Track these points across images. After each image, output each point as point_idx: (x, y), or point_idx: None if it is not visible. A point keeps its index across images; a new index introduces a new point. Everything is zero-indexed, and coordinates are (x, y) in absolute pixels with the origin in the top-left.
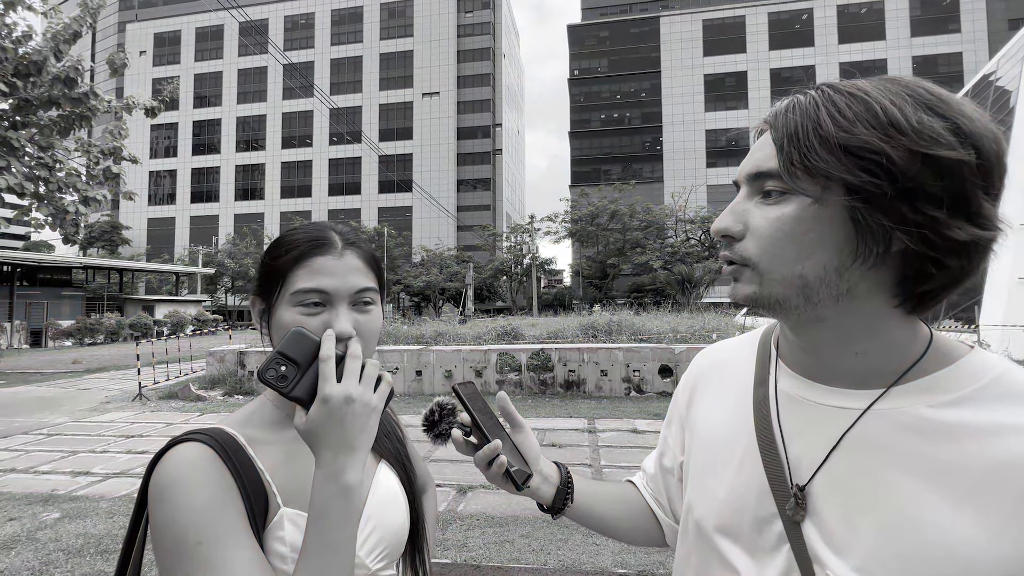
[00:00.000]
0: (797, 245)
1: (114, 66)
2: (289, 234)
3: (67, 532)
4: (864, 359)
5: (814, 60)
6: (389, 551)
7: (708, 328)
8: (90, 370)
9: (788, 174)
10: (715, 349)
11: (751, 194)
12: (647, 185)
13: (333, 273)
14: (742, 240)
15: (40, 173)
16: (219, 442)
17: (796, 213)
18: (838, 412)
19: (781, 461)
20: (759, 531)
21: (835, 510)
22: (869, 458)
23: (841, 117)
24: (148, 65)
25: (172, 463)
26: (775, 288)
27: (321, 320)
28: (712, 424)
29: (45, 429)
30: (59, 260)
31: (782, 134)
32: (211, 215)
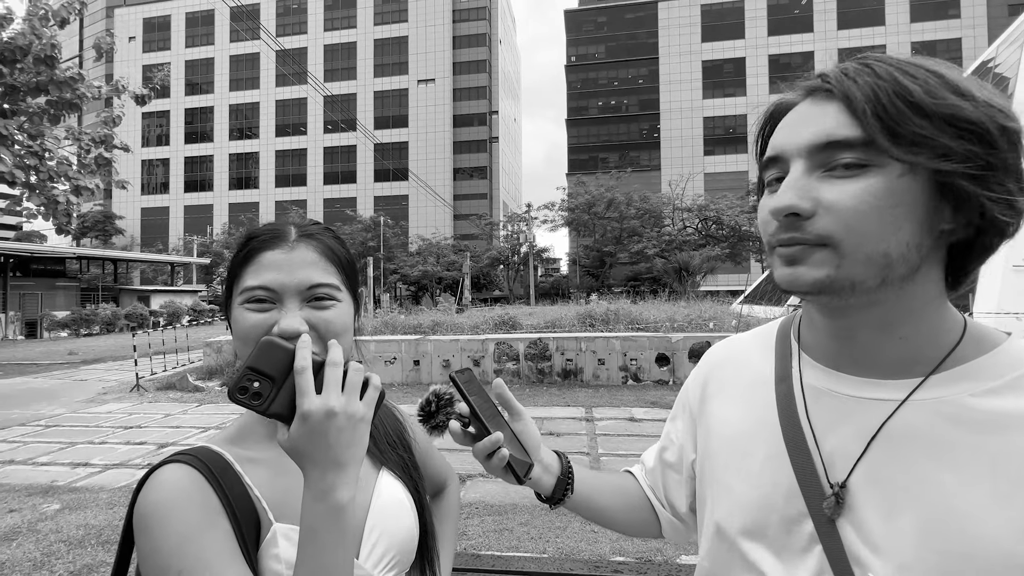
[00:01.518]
0: (885, 220)
1: (101, 50)
2: (247, 233)
3: (68, 523)
4: (906, 344)
5: (813, 46)
6: (399, 559)
7: (705, 317)
8: (86, 361)
9: (877, 143)
10: (728, 343)
11: (812, 168)
12: (644, 173)
13: (280, 267)
14: (811, 218)
15: (30, 162)
16: (204, 462)
17: (885, 185)
18: (872, 404)
19: (812, 458)
20: (788, 532)
21: (874, 507)
22: (909, 451)
23: (926, 84)
24: (138, 51)
25: (155, 488)
26: (855, 269)
27: (268, 316)
28: (730, 421)
29: (43, 421)
30: (53, 250)
31: (864, 100)
32: (205, 204)
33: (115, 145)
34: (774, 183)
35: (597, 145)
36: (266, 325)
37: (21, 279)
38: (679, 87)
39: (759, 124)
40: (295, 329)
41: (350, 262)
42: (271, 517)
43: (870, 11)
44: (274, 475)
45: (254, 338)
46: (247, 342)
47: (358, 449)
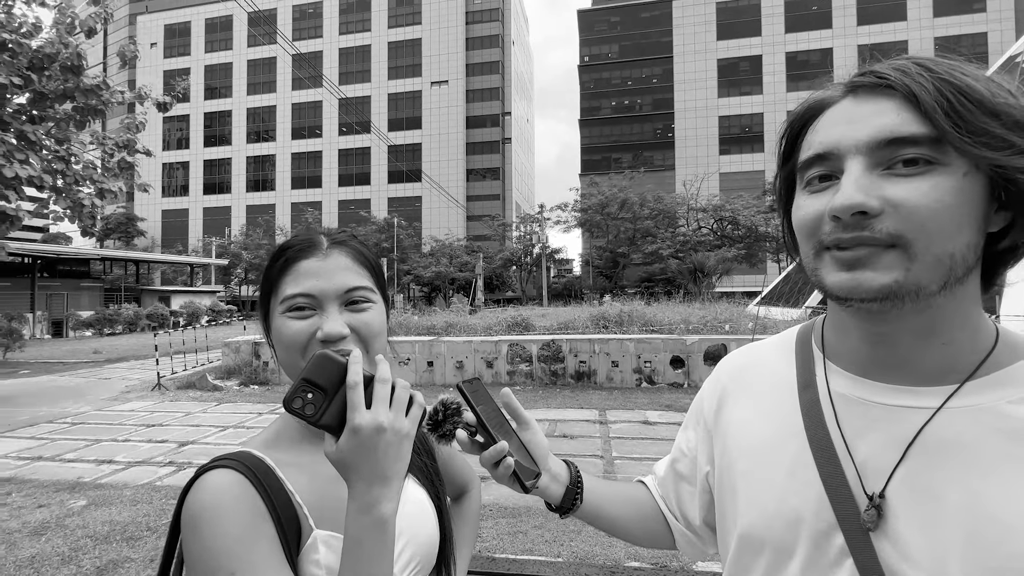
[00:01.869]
0: (955, 220)
1: (125, 58)
2: (281, 244)
3: (94, 519)
4: (948, 350)
5: (832, 43)
6: (422, 564)
7: (721, 319)
8: (110, 360)
9: (948, 138)
10: (745, 351)
11: (872, 165)
12: (658, 173)
13: (318, 275)
14: (879, 217)
15: (57, 166)
16: (248, 467)
17: (955, 183)
18: (906, 412)
19: (841, 468)
20: (816, 545)
21: (911, 518)
22: (947, 460)
23: (988, 83)
24: (159, 57)
25: (202, 492)
26: (923, 273)
27: (310, 323)
28: (751, 430)
29: (69, 418)
30: (78, 252)
31: (933, 97)
32: (223, 206)
33: (137, 149)
34: (815, 182)
35: (610, 145)
36: (309, 331)
37: (48, 280)
38: (694, 86)
39: (790, 122)
40: (339, 332)
41: (378, 265)
42: (311, 523)
43: (891, 6)
44: (312, 480)
45: (298, 345)
46: (291, 349)
47: (402, 464)
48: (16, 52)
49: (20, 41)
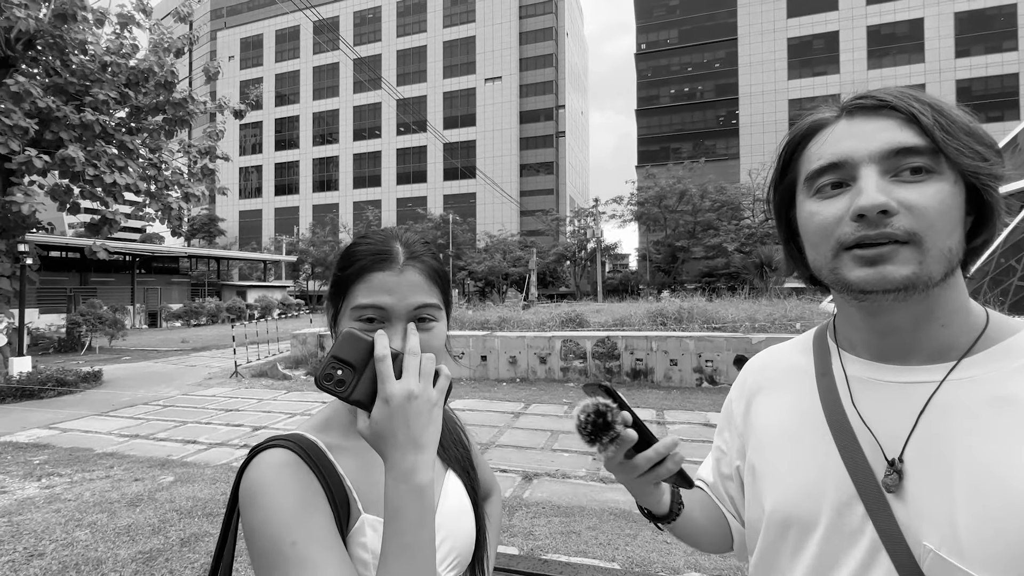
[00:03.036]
0: (951, 219)
1: (208, 74)
2: (355, 245)
3: (179, 495)
4: (947, 331)
5: (923, 12)
6: (460, 560)
7: (791, 316)
8: (196, 349)
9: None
10: (765, 353)
11: (883, 172)
12: (721, 163)
13: (391, 290)
14: (895, 216)
15: (150, 173)
16: (302, 448)
17: (949, 189)
18: (914, 387)
19: (858, 442)
20: (839, 514)
21: (923, 480)
22: (951, 426)
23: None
24: (236, 69)
25: (260, 468)
26: (933, 264)
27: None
28: (774, 416)
29: (161, 401)
30: (168, 250)
31: (932, 118)
32: (292, 207)
33: (218, 155)
34: (827, 188)
35: (669, 135)
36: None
37: (144, 276)
38: (760, 68)
39: (788, 142)
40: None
41: (447, 280)
42: (360, 507)
43: None
44: (361, 465)
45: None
46: None
47: (434, 431)
48: (116, 72)
49: (118, 62)
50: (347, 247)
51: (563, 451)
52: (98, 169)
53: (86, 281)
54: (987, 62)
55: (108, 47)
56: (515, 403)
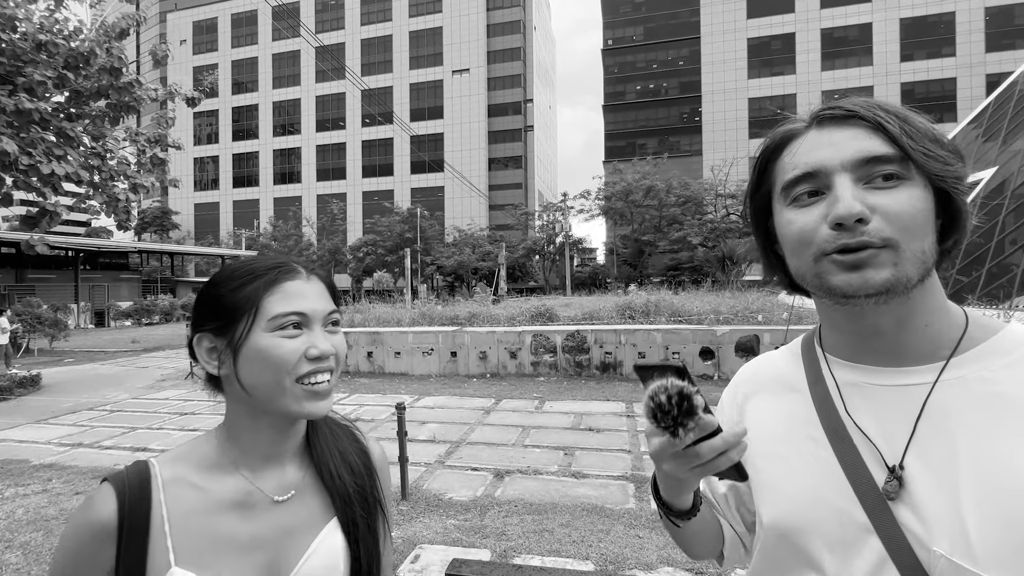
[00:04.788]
0: (923, 223)
1: (156, 58)
2: (243, 266)
3: None
4: (930, 331)
5: (871, 17)
6: None
7: (752, 308)
8: (147, 349)
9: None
10: (757, 361)
11: (857, 180)
12: (685, 158)
13: (307, 296)
14: (869, 223)
15: (94, 162)
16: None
17: (920, 193)
18: (907, 389)
19: (856, 448)
20: (840, 523)
21: (927, 484)
22: (949, 427)
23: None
24: (188, 54)
25: (80, 507)
26: (909, 267)
27: (301, 342)
28: (768, 429)
29: (108, 406)
30: (116, 245)
31: (898, 127)
32: (252, 199)
33: (169, 144)
34: (804, 197)
35: (635, 131)
36: (303, 348)
37: (90, 272)
38: (722, 67)
39: (760, 153)
40: (330, 351)
41: (339, 296)
42: (172, 558)
43: None
44: (195, 511)
45: (291, 363)
46: (281, 368)
47: None
48: (53, 52)
49: (56, 41)
50: (233, 268)
51: (534, 447)
52: (33, 158)
53: (23, 278)
54: (928, 66)
55: (42, 24)
56: (486, 399)
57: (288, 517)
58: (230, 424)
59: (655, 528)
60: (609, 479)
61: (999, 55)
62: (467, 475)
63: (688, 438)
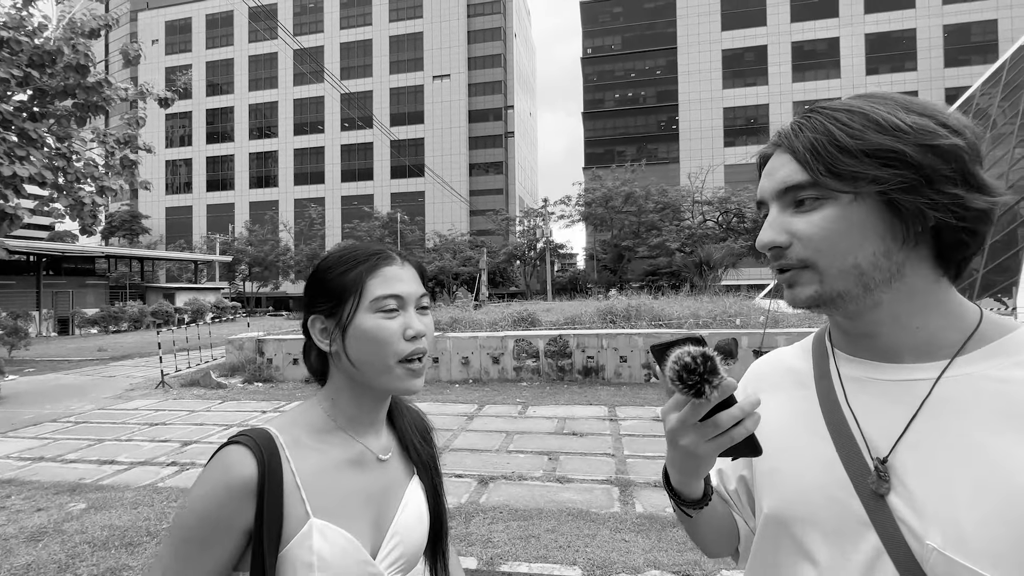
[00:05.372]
0: (847, 239)
1: (128, 57)
2: (347, 252)
3: (93, 523)
4: (924, 333)
5: (838, 32)
6: (407, 561)
7: (730, 312)
8: (115, 358)
9: (820, 182)
10: (771, 356)
11: (783, 207)
12: (663, 166)
13: (403, 280)
14: (790, 248)
15: (58, 164)
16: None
17: (838, 212)
18: (909, 385)
19: (855, 442)
20: (837, 515)
21: (923, 478)
22: (950, 422)
23: (850, 128)
24: (160, 54)
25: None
26: (835, 283)
27: (399, 323)
28: (774, 422)
29: (72, 417)
30: (82, 250)
31: (803, 152)
32: (227, 203)
33: (139, 146)
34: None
35: (614, 138)
36: (401, 329)
37: (53, 278)
38: (698, 77)
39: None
40: (424, 331)
41: (427, 278)
42: (309, 509)
43: None
44: (321, 469)
45: (394, 340)
46: (385, 345)
47: None
48: (16, 50)
49: (19, 39)
50: (339, 255)
51: (518, 452)
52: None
53: None
54: (892, 80)
55: (6, 22)
56: (468, 405)
57: (389, 474)
58: (335, 395)
59: (641, 531)
60: (594, 483)
61: (957, 70)
62: (451, 482)
63: (714, 397)
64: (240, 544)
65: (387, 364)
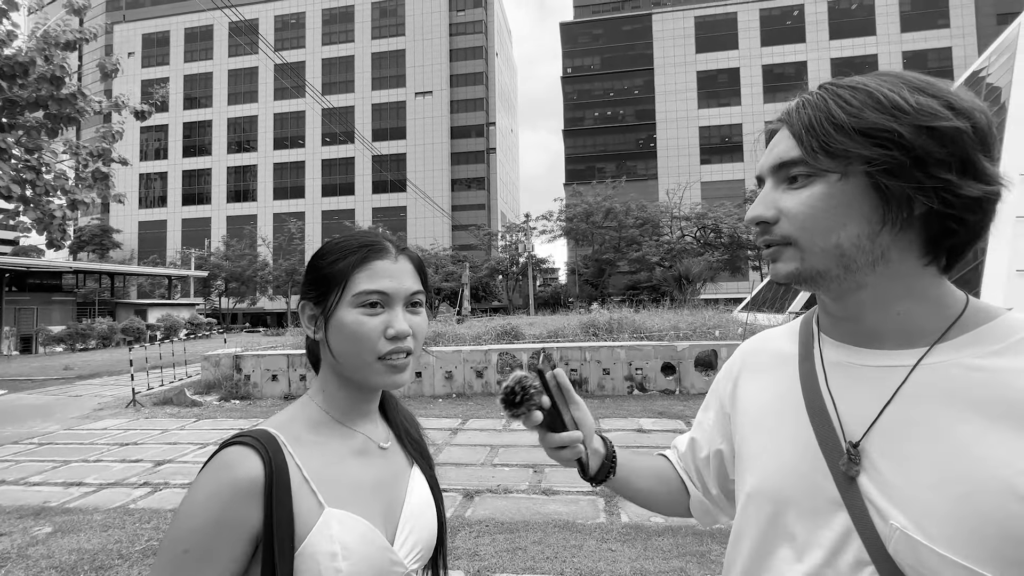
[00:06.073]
0: (830, 218)
1: (105, 71)
2: (343, 240)
3: (60, 547)
4: (906, 318)
5: (806, 56)
6: (423, 552)
7: (709, 325)
8: (82, 376)
9: (811, 158)
10: (760, 336)
11: (776, 184)
12: (642, 182)
13: (391, 276)
14: (776, 224)
15: (27, 176)
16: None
17: (825, 190)
18: (887, 371)
19: (832, 425)
20: (812, 495)
21: (893, 462)
22: (924, 408)
23: (848, 106)
24: (136, 66)
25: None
26: (816, 261)
27: (381, 320)
28: (758, 402)
29: (36, 438)
30: (48, 265)
31: (799, 127)
32: (203, 217)
33: (113, 159)
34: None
35: (594, 155)
36: (382, 327)
37: (16, 294)
38: (674, 97)
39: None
40: (407, 331)
41: (427, 274)
42: (322, 500)
43: (861, 21)
44: (325, 462)
45: (372, 339)
46: (362, 342)
47: None
48: None
49: None
50: (334, 243)
51: (504, 465)
52: None
53: None
54: None
55: None
56: (452, 419)
57: (392, 462)
58: (325, 387)
59: (627, 541)
60: (579, 495)
61: None
62: None
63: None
64: (247, 553)
65: (364, 360)
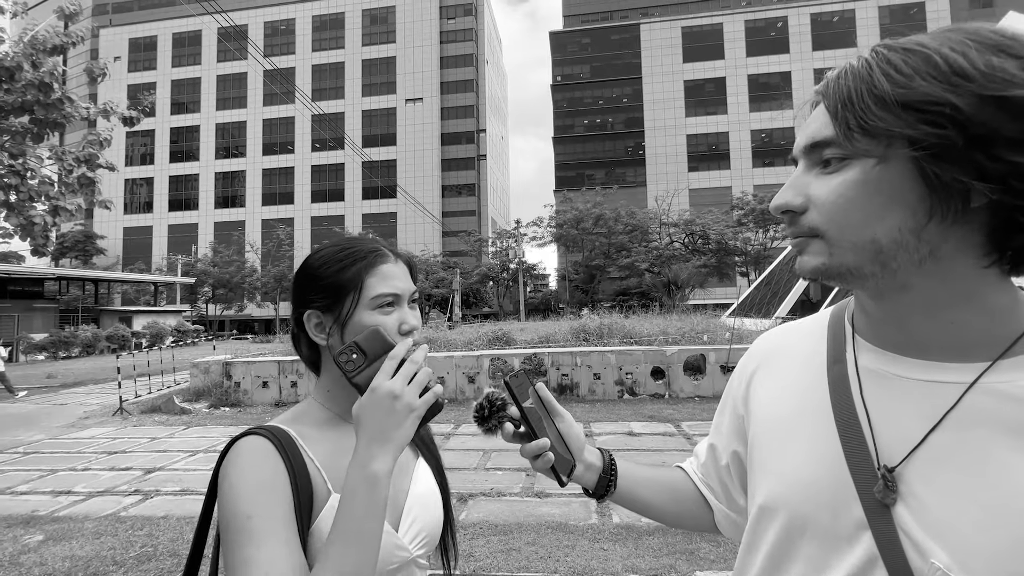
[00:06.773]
0: (865, 209)
1: (92, 75)
2: (344, 249)
3: (52, 555)
4: (960, 329)
5: (790, 66)
6: (428, 539)
7: (698, 330)
8: (66, 384)
9: (845, 138)
10: (777, 332)
11: (809, 166)
12: (631, 189)
13: (398, 277)
14: (804, 213)
15: (11, 181)
16: (275, 435)
17: (860, 176)
18: (936, 387)
19: (864, 441)
20: (834, 515)
21: (938, 493)
22: (978, 435)
23: (897, 74)
24: (123, 71)
25: (236, 451)
26: (846, 256)
27: (395, 318)
28: (776, 406)
29: (21, 448)
30: (30, 271)
31: (835, 100)
32: (190, 223)
33: (99, 164)
34: None
35: (584, 162)
36: (397, 323)
37: None
38: (663, 105)
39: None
40: (417, 325)
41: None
42: (330, 487)
43: (842, 33)
44: (332, 452)
45: (393, 334)
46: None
47: (403, 433)
48: None
49: None
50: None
51: (496, 469)
52: None
53: None
54: None
55: None
56: (444, 424)
57: None
58: (330, 386)
59: (619, 540)
60: (571, 497)
61: None
62: None
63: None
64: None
65: None
